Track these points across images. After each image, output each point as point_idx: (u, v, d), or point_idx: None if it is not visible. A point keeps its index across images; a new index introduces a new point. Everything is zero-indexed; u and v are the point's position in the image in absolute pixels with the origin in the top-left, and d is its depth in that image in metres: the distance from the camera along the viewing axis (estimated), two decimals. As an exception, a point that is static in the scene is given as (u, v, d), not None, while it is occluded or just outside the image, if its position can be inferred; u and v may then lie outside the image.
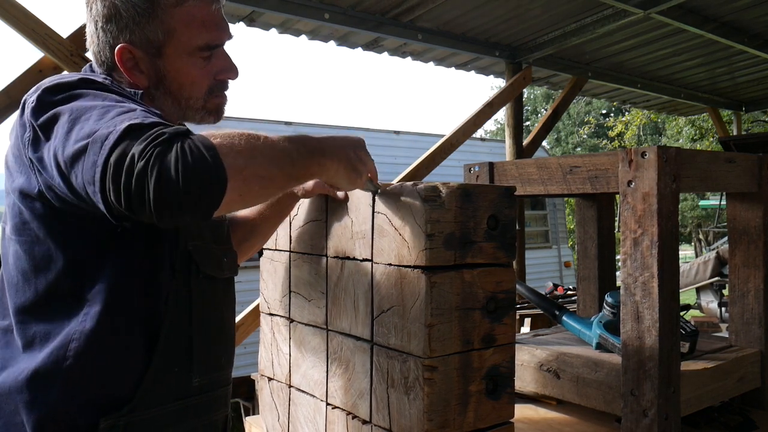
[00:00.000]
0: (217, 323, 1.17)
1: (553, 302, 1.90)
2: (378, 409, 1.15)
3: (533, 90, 28.14)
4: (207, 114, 1.18)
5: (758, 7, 3.91)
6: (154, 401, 1.04)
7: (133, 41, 1.09)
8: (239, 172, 0.88)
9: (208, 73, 1.14)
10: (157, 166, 0.82)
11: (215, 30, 1.14)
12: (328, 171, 1.04)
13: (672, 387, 1.37)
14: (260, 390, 1.58)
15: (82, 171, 0.88)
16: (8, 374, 1.01)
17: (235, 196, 0.88)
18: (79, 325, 0.99)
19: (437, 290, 1.05)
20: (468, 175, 1.85)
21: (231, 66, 1.18)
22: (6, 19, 2.54)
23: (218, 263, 1.18)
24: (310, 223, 1.37)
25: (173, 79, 1.12)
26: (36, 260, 1.02)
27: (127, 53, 1.09)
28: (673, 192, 1.37)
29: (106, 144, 0.85)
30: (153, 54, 1.10)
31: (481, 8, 3.83)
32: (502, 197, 1.14)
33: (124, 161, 0.83)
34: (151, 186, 0.82)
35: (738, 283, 1.74)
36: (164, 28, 1.09)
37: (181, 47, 1.11)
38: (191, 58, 1.12)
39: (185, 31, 1.10)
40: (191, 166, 0.83)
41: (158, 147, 0.83)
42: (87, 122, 0.91)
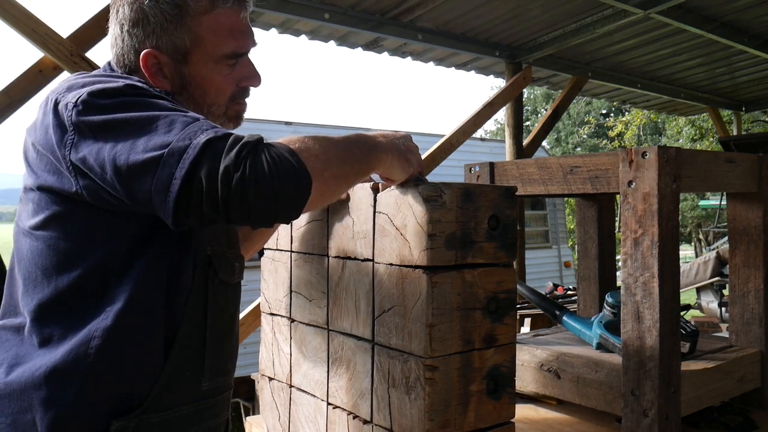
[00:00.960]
0: (227, 328, 1.18)
1: (553, 302, 1.90)
2: (379, 408, 1.15)
3: (533, 90, 28.14)
4: (227, 120, 1.18)
5: (758, 7, 3.91)
6: (166, 404, 1.04)
7: (159, 47, 1.09)
8: (320, 173, 0.95)
9: (232, 80, 1.15)
10: (254, 176, 0.88)
11: (242, 38, 1.14)
12: (385, 164, 1.08)
13: (672, 387, 1.38)
14: (261, 390, 1.58)
15: (154, 181, 0.90)
16: (23, 371, 0.99)
17: (317, 196, 0.95)
18: (101, 323, 0.99)
19: (438, 290, 1.05)
20: (468, 175, 1.85)
21: (255, 74, 1.18)
22: (6, 19, 2.54)
23: (231, 268, 1.18)
24: (311, 222, 1.37)
25: (198, 85, 1.12)
26: (60, 256, 1.02)
27: (153, 58, 1.09)
28: (673, 192, 1.37)
29: (186, 158, 0.89)
30: (178, 60, 1.10)
31: (481, 8, 3.83)
32: (502, 197, 1.14)
33: (217, 175, 0.88)
34: (252, 196, 0.88)
35: (738, 283, 1.74)
36: (192, 35, 1.09)
37: (208, 55, 1.11)
38: (217, 66, 1.12)
39: (213, 39, 1.10)
40: (284, 173, 0.90)
41: (248, 158, 0.89)
42: (155, 133, 0.93)
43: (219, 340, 1.14)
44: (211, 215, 0.90)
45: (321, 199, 0.98)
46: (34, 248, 1.04)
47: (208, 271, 1.10)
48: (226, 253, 1.17)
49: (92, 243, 1.02)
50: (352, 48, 4.26)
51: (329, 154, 0.97)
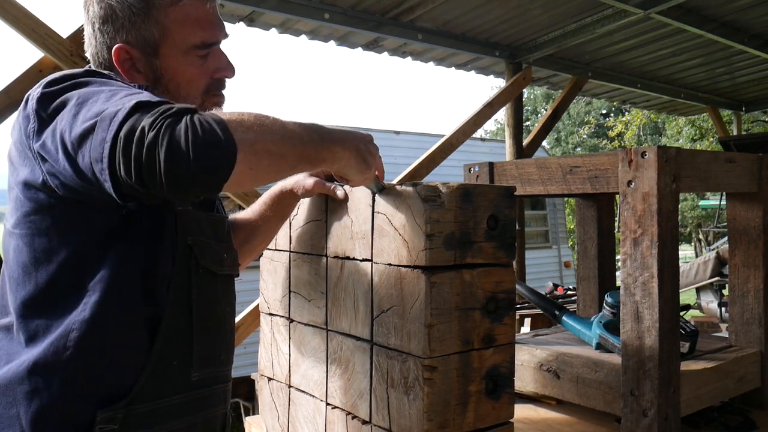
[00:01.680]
0: (217, 319, 1.17)
1: (553, 302, 1.90)
2: (378, 409, 1.15)
3: (533, 90, 28.14)
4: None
5: (758, 7, 3.91)
6: (153, 394, 1.03)
7: (129, 41, 1.11)
8: (249, 145, 0.90)
9: (204, 71, 1.15)
10: (167, 136, 0.84)
11: (210, 28, 1.15)
12: (339, 160, 1.06)
13: (672, 387, 1.37)
14: (260, 390, 1.58)
15: (90, 149, 0.89)
16: (9, 368, 1.01)
17: (244, 168, 0.90)
18: (79, 315, 1.00)
19: (437, 290, 1.05)
20: (468, 175, 1.85)
21: (227, 64, 1.19)
22: (6, 19, 2.54)
23: (218, 259, 1.18)
24: (310, 223, 1.37)
25: (171, 78, 1.13)
26: (36, 252, 1.03)
27: (124, 53, 1.11)
28: (673, 192, 1.37)
29: (115, 120, 0.87)
30: (149, 53, 1.11)
31: (481, 8, 3.83)
32: (502, 197, 1.14)
33: (134, 133, 0.85)
34: (162, 156, 0.83)
35: (738, 283, 1.74)
36: (159, 28, 1.10)
37: (177, 46, 1.12)
38: (187, 57, 1.13)
39: (180, 30, 1.11)
40: (201, 136, 0.85)
41: (168, 119, 0.85)
42: (95, 104, 0.92)
43: (208, 330, 1.14)
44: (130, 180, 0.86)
45: (252, 174, 0.92)
46: (15, 247, 1.05)
47: (189, 259, 1.10)
48: (211, 243, 1.16)
49: (64, 237, 1.02)
50: (352, 48, 4.26)
51: (264, 128, 0.93)
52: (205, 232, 1.16)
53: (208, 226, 1.17)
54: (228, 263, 1.21)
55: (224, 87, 1.20)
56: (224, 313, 1.20)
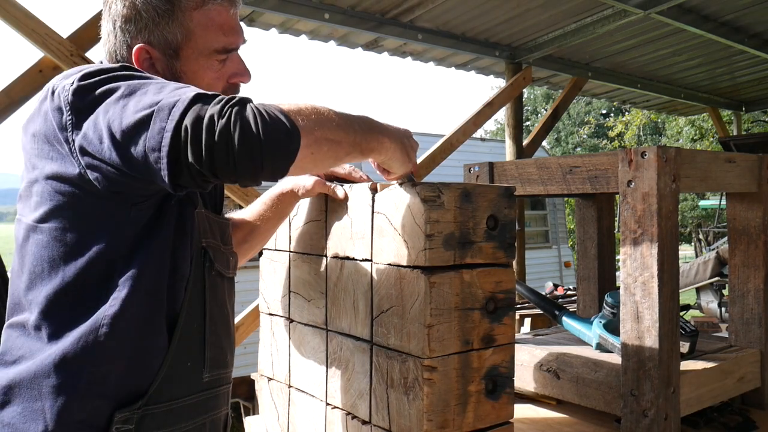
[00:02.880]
0: (225, 320, 1.19)
1: (553, 302, 1.90)
2: (377, 409, 1.15)
3: (533, 90, 28.14)
4: None
5: (758, 7, 3.91)
6: (168, 396, 1.04)
7: (151, 42, 1.11)
8: (311, 132, 0.94)
9: (222, 76, 1.16)
10: (239, 123, 0.87)
11: (232, 34, 1.15)
12: (387, 151, 1.09)
13: (672, 387, 1.37)
14: (260, 390, 1.58)
15: (146, 139, 0.90)
16: (33, 362, 1.00)
17: (307, 154, 0.94)
18: (109, 310, 1.00)
19: (437, 290, 1.05)
20: (468, 175, 1.85)
21: (244, 70, 1.20)
22: (6, 19, 2.54)
23: (227, 262, 1.20)
24: (309, 223, 1.37)
25: (189, 80, 1.13)
26: (66, 247, 1.02)
27: (145, 53, 1.11)
28: (672, 192, 1.37)
29: (175, 111, 0.89)
30: (170, 55, 1.12)
31: (481, 8, 3.83)
32: (501, 197, 1.14)
33: (202, 121, 0.87)
34: (236, 141, 0.87)
35: (738, 283, 1.74)
36: (183, 30, 1.11)
37: (198, 50, 1.12)
38: (207, 61, 1.13)
39: (203, 34, 1.12)
40: (270, 123, 0.89)
41: (235, 107, 0.89)
42: (145, 95, 0.93)
43: (218, 330, 1.15)
44: (198, 168, 0.89)
45: (311, 159, 0.96)
46: (40, 241, 1.04)
47: (204, 261, 1.12)
48: (220, 247, 1.18)
49: (97, 231, 1.02)
50: (352, 48, 4.26)
51: (322, 117, 0.97)
52: (215, 235, 1.17)
53: (218, 230, 1.19)
54: (232, 266, 1.23)
55: (239, 91, 1.21)
56: (229, 315, 1.22)
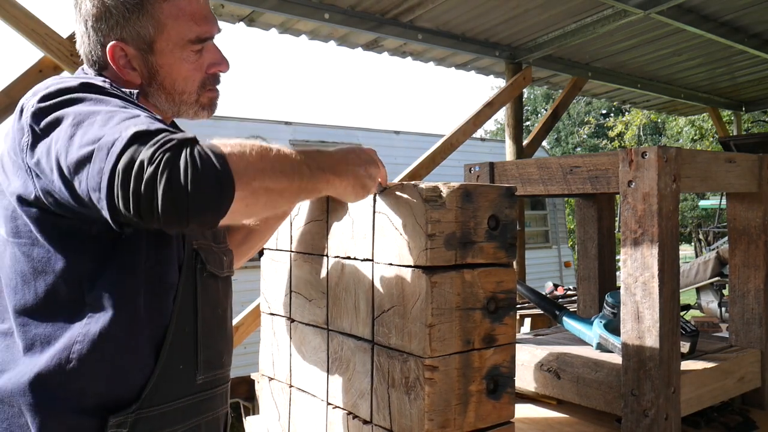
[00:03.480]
0: (220, 320, 1.18)
1: (553, 302, 1.90)
2: (378, 409, 1.15)
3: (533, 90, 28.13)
4: (200, 109, 1.19)
5: (758, 7, 3.91)
6: (161, 399, 1.04)
7: (124, 38, 1.10)
8: (248, 182, 0.89)
9: (199, 66, 1.16)
10: (167, 171, 0.82)
11: (204, 23, 1.14)
12: (336, 188, 1.07)
13: (672, 387, 1.38)
14: (260, 390, 1.58)
15: (87, 178, 0.88)
16: (9, 377, 1.00)
17: (241, 206, 0.89)
18: (83, 328, 0.99)
19: (438, 290, 1.05)
20: (468, 175, 1.85)
21: (222, 59, 1.19)
22: (6, 19, 2.54)
23: (220, 262, 1.19)
24: (311, 223, 1.37)
25: (166, 74, 1.13)
26: (35, 262, 1.01)
27: (119, 51, 1.11)
28: (673, 192, 1.37)
29: (113, 151, 0.85)
30: (144, 50, 1.11)
31: (481, 8, 3.83)
32: (502, 197, 1.14)
33: (133, 167, 0.83)
34: (160, 192, 0.82)
35: (738, 283, 1.74)
36: (154, 23, 1.10)
37: (172, 41, 1.12)
38: (183, 52, 1.13)
39: (175, 25, 1.11)
40: (201, 173, 0.83)
41: (167, 153, 0.83)
42: (91, 127, 0.90)
43: (212, 332, 1.14)
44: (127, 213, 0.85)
45: (246, 211, 0.92)
46: (12, 255, 1.04)
47: (195, 264, 1.11)
48: (212, 247, 1.17)
49: (62, 249, 1.01)
50: (352, 48, 4.26)
51: (266, 164, 0.92)
52: (206, 235, 1.17)
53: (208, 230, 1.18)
54: (227, 265, 1.22)
55: (219, 82, 1.21)
56: (225, 315, 1.21)
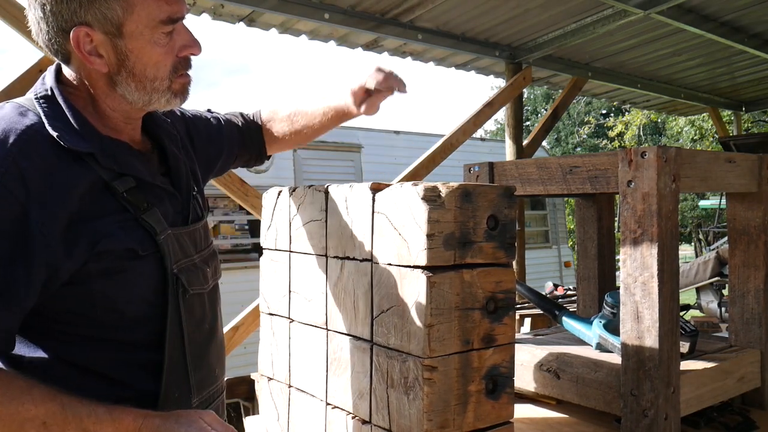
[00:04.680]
0: (208, 335, 1.17)
1: (553, 302, 1.90)
2: (378, 409, 1.15)
3: (533, 90, 28.13)
4: (173, 96, 1.12)
5: (758, 7, 3.91)
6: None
7: (89, 22, 1.01)
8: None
9: (170, 50, 1.08)
10: None
11: (175, 2, 1.07)
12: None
13: (672, 387, 1.37)
14: (260, 390, 1.58)
15: None
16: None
17: None
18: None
19: (437, 290, 1.05)
20: (468, 175, 1.85)
21: (193, 41, 1.11)
22: (6, 19, 2.54)
23: (204, 276, 1.17)
24: (310, 222, 1.37)
25: (136, 59, 1.05)
26: None
27: (85, 36, 1.01)
28: (672, 192, 1.37)
29: None
30: (113, 34, 1.02)
31: (481, 8, 3.83)
32: (501, 197, 1.14)
33: None
34: None
35: (738, 283, 1.74)
36: (122, 4, 1.01)
37: (143, 23, 1.03)
38: (153, 34, 1.05)
39: (145, 4, 1.03)
40: None
41: None
42: None
43: (201, 352, 1.14)
44: None
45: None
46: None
47: (177, 290, 1.09)
48: (194, 260, 1.15)
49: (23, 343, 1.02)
50: (352, 48, 4.25)
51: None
52: (186, 250, 1.14)
53: (189, 242, 1.15)
54: (211, 274, 1.19)
55: (190, 66, 1.14)
56: (214, 326, 1.20)
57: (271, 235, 1.51)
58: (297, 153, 6.95)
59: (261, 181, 6.12)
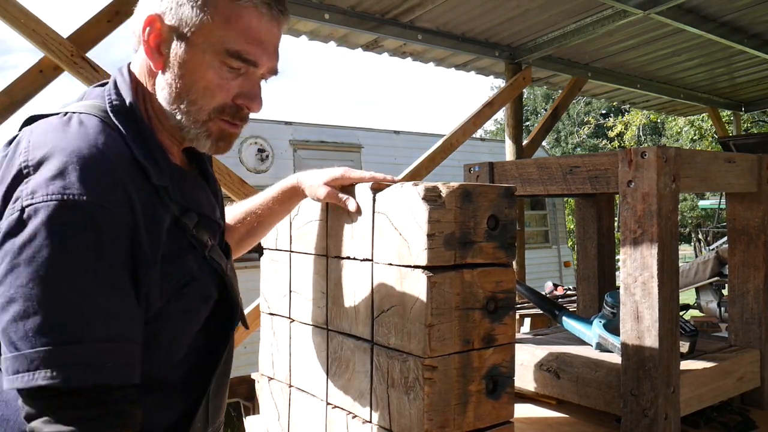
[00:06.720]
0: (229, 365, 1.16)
1: (553, 302, 1.90)
2: (378, 408, 1.16)
3: (533, 90, 28.15)
4: (206, 136, 1.03)
5: (758, 7, 3.92)
6: None
7: (165, 13, 0.97)
8: None
9: (227, 88, 1.00)
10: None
11: (256, 46, 0.99)
12: None
13: (671, 387, 1.38)
14: (260, 390, 1.58)
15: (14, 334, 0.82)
16: None
17: None
18: None
19: (437, 290, 1.05)
20: (468, 175, 1.85)
21: (255, 95, 1.03)
22: (6, 19, 2.54)
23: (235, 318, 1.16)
24: (310, 222, 1.37)
25: (186, 72, 0.98)
26: None
27: (155, 24, 0.97)
28: (672, 192, 1.38)
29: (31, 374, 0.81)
30: (179, 36, 0.97)
31: (481, 8, 3.83)
32: (502, 197, 1.14)
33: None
34: None
35: (737, 283, 1.74)
36: (206, 14, 0.96)
37: (210, 42, 0.97)
38: (214, 59, 0.98)
39: (222, 27, 0.97)
40: None
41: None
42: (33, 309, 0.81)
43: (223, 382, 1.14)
44: None
45: None
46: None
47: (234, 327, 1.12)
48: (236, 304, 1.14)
49: None
50: (352, 48, 4.26)
51: None
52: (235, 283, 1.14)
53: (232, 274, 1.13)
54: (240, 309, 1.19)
55: (243, 119, 1.04)
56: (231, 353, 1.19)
57: (271, 235, 1.51)
58: (297, 153, 6.95)
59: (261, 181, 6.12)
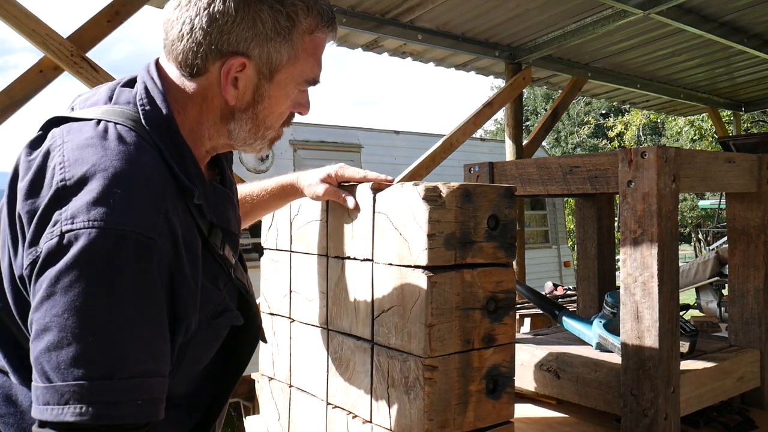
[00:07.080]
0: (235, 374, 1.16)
1: (553, 302, 1.90)
2: (378, 408, 1.16)
3: (533, 90, 28.15)
4: (267, 145, 1.09)
5: (758, 7, 3.92)
6: None
7: (251, 55, 0.96)
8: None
9: (291, 104, 1.06)
10: None
11: (320, 65, 1.06)
12: None
13: (672, 387, 1.38)
14: (260, 390, 1.58)
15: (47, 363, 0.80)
16: None
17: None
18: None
19: (437, 290, 1.05)
20: (468, 175, 1.85)
21: (308, 102, 1.09)
22: (6, 19, 2.54)
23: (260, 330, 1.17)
24: (311, 222, 1.37)
25: (268, 105, 1.02)
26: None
27: (240, 65, 0.96)
28: (672, 192, 1.38)
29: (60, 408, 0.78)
30: (264, 75, 0.99)
31: (481, 8, 3.83)
32: (502, 197, 1.14)
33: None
34: None
35: (737, 283, 1.74)
36: (291, 53, 0.99)
37: (294, 77, 1.01)
38: (293, 90, 1.03)
39: (305, 61, 1.01)
40: None
41: None
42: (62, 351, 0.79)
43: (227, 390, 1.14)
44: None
45: None
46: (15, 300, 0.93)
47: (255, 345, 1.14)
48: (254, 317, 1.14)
49: None
50: (352, 48, 4.26)
51: None
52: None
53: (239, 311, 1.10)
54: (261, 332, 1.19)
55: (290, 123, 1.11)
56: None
57: (272, 235, 1.51)
58: (297, 153, 6.94)
59: (261, 181, 6.10)
